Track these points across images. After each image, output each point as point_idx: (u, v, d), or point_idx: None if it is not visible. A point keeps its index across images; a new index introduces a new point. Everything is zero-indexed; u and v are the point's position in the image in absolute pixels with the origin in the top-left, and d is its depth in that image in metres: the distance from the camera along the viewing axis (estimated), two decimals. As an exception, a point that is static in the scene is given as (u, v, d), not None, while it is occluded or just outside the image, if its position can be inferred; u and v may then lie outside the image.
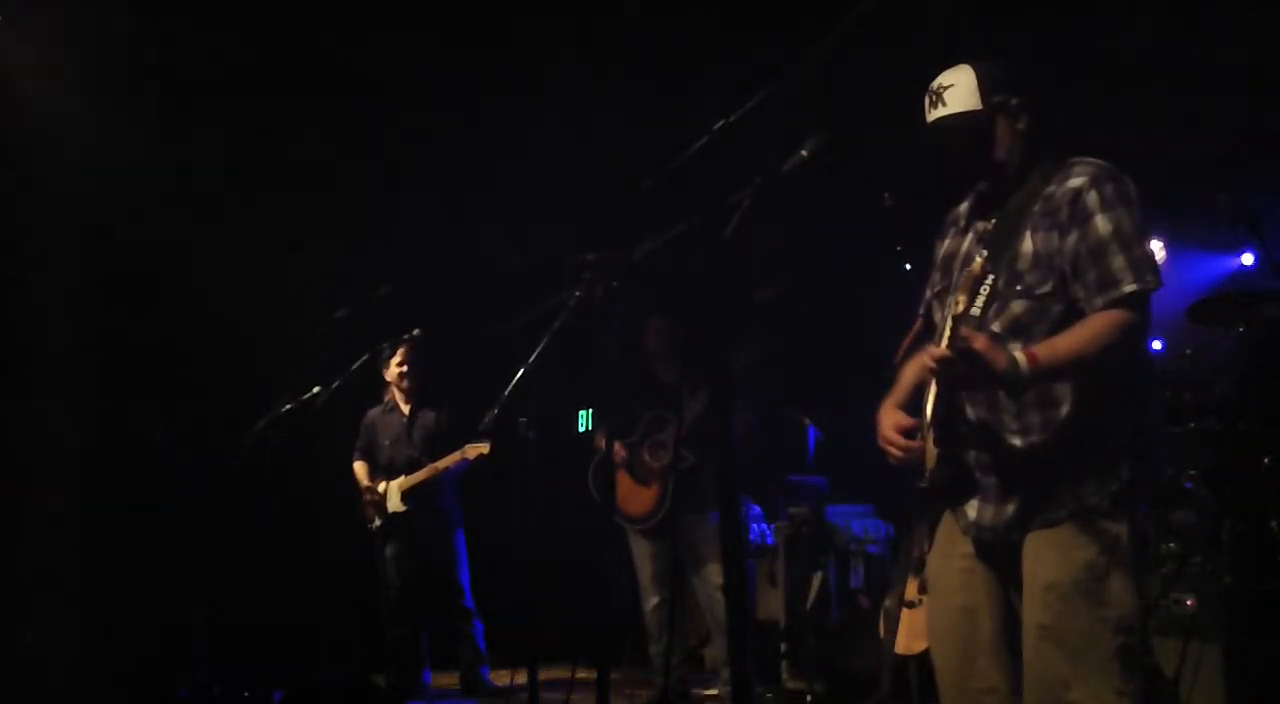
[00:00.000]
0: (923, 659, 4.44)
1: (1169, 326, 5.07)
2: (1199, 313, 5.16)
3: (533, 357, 3.36)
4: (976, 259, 2.53)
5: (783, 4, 5.59)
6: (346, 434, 6.44)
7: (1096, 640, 2.49)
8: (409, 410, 6.37)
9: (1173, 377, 4.93)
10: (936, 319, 2.79)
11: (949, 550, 2.74)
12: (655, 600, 5.53)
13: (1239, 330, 5.13)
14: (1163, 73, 5.57)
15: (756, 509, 6.32)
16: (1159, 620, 4.23)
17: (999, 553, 2.64)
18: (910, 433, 2.65)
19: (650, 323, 5.68)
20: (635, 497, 5.50)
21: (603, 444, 5.52)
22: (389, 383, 6.38)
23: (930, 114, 2.69)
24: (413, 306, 5.88)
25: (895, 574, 4.86)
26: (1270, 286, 5.05)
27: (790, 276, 5.32)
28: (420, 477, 6.12)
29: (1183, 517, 4.66)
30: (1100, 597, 2.50)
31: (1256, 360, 4.68)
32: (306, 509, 6.37)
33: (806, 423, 6.33)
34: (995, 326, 2.57)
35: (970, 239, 2.74)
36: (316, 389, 5.18)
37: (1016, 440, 2.57)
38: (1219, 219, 4.98)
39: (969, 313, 2.45)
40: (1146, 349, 2.63)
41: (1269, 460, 4.79)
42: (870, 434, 2.74)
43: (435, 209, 7.06)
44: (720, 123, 2.43)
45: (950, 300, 2.55)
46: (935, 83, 2.69)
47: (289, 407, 5.16)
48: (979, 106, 2.64)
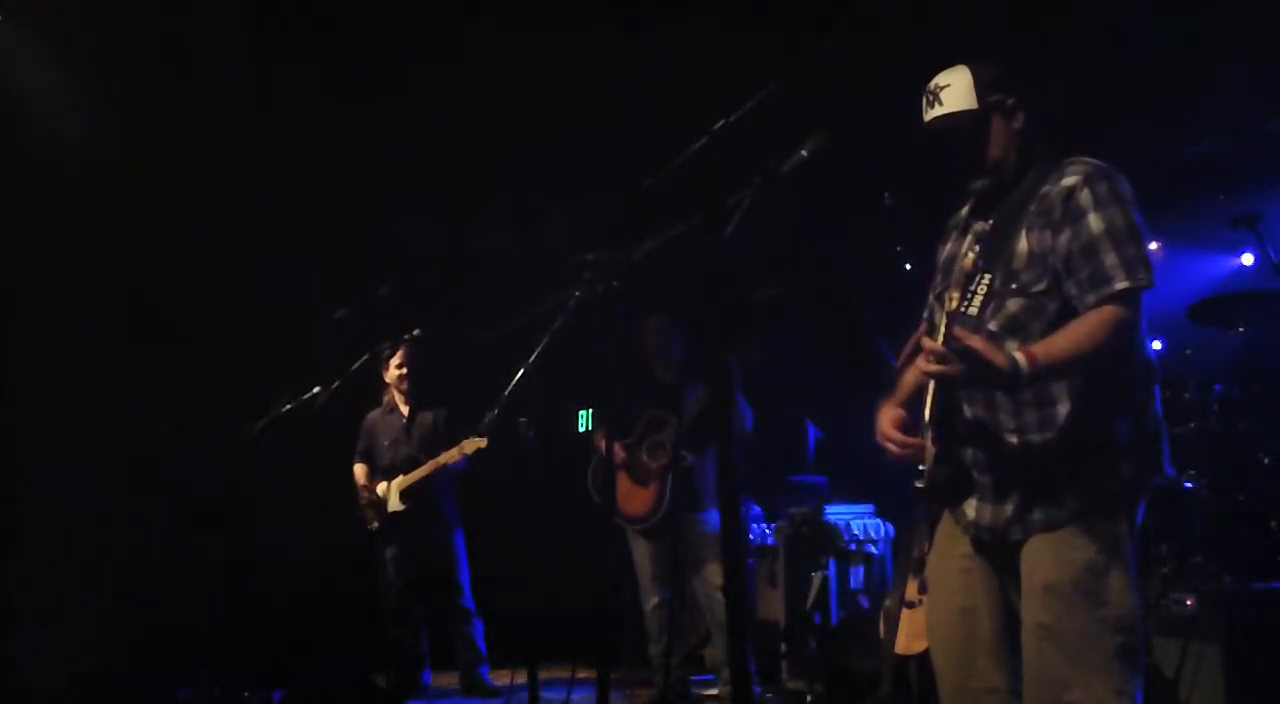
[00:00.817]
0: (923, 659, 4.43)
1: (1169, 326, 5.07)
2: (1199, 313, 5.17)
3: (533, 356, 3.36)
4: (969, 255, 2.54)
5: (783, 4, 5.58)
6: (346, 434, 6.44)
7: (1096, 640, 2.49)
8: (408, 411, 6.37)
9: (1173, 377, 4.92)
10: (937, 321, 2.80)
11: (948, 550, 2.75)
12: (655, 600, 5.53)
13: (1239, 330, 5.14)
14: (1163, 73, 5.56)
15: (756, 509, 6.32)
16: (1159, 620, 4.22)
17: (998, 552, 2.65)
18: (908, 430, 2.66)
19: (650, 322, 5.68)
20: (634, 497, 5.50)
21: (602, 444, 5.52)
22: (388, 384, 6.38)
23: (927, 114, 2.71)
24: (413, 307, 5.88)
25: (895, 574, 4.86)
26: (1270, 286, 5.06)
27: (791, 277, 5.32)
28: (420, 473, 6.12)
29: (1183, 517, 4.66)
30: (1100, 596, 2.50)
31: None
32: (307, 509, 6.37)
33: (806, 423, 6.34)
34: (992, 326, 2.58)
35: (969, 240, 2.76)
36: (316, 389, 5.18)
37: (1014, 439, 2.57)
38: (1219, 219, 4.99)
39: (966, 312, 2.46)
40: (1146, 348, 2.63)
41: (1269, 460, 4.80)
42: (870, 434, 2.74)
43: (435, 209, 7.05)
44: (720, 123, 2.43)
45: (946, 297, 2.57)
46: (932, 83, 2.71)
47: (289, 406, 5.16)
48: (975, 106, 2.66)
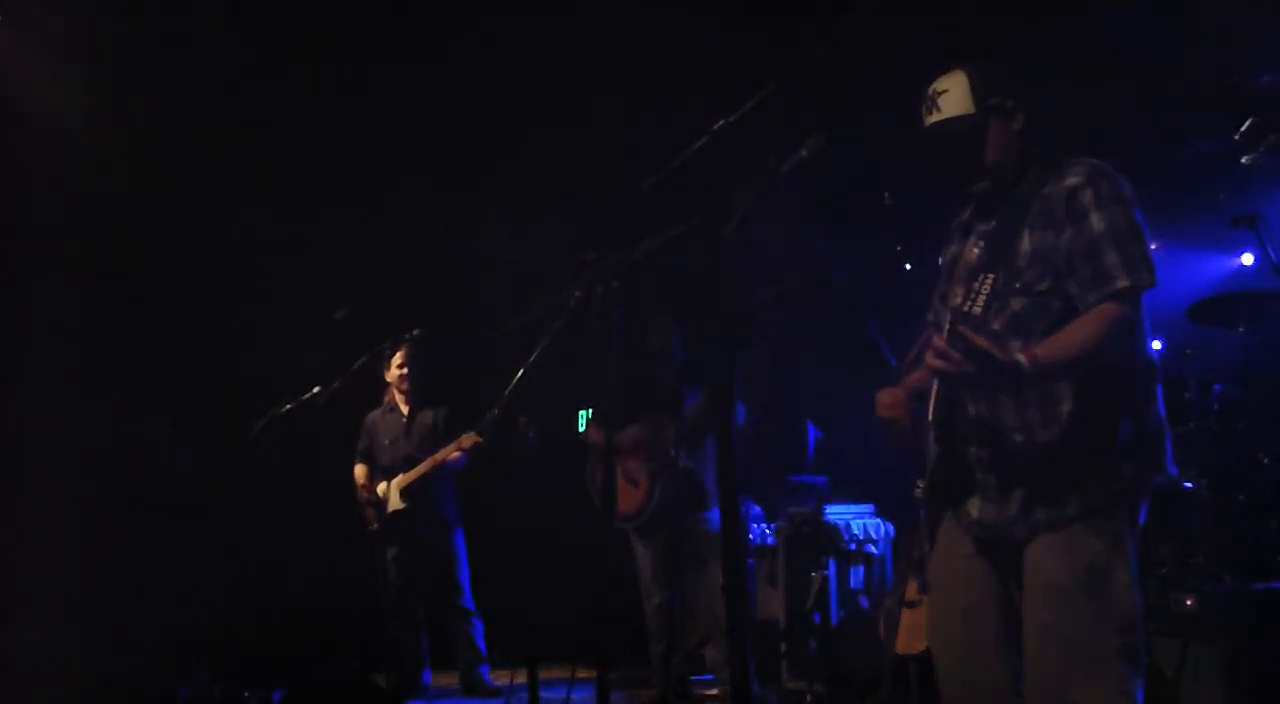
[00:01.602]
0: (923, 659, 4.44)
1: (1169, 326, 5.07)
2: (1199, 313, 5.17)
3: (533, 356, 3.36)
4: (974, 252, 2.55)
5: (784, 4, 5.58)
6: (346, 434, 6.44)
7: (1098, 640, 2.49)
8: (408, 411, 6.37)
9: (1173, 377, 4.92)
10: (942, 322, 2.80)
11: (950, 550, 2.75)
12: (655, 600, 5.53)
13: (1239, 330, 5.13)
14: (1163, 72, 5.56)
15: (756, 509, 6.32)
16: (1159, 620, 4.22)
17: (1001, 551, 2.65)
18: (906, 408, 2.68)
19: (650, 322, 5.68)
20: (625, 496, 5.51)
21: (600, 443, 5.52)
22: (389, 384, 6.38)
23: (926, 119, 2.73)
24: (413, 307, 5.88)
25: (895, 574, 4.86)
26: (1270, 286, 5.06)
27: (791, 276, 5.32)
28: (419, 471, 6.11)
29: (1183, 517, 4.66)
30: (1102, 596, 2.50)
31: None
32: (306, 509, 6.37)
33: (806, 423, 6.33)
34: (996, 325, 2.58)
35: (972, 241, 2.77)
36: (316, 389, 5.18)
37: (1017, 437, 2.57)
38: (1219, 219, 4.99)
39: (970, 311, 2.46)
40: (1148, 348, 2.64)
41: (1269, 460, 4.80)
42: (870, 434, 2.75)
43: (436, 209, 7.05)
44: (720, 123, 2.43)
45: (950, 297, 2.57)
46: (930, 88, 2.72)
47: (289, 406, 5.16)
48: (972, 110, 2.67)
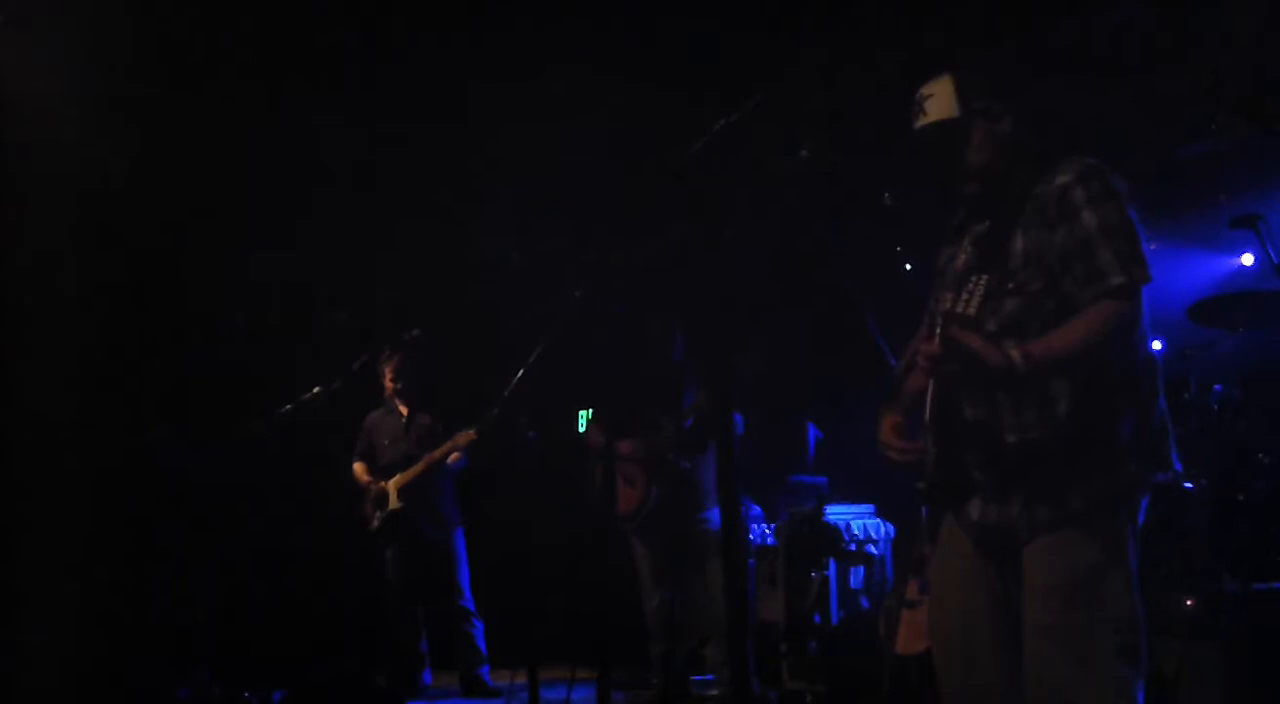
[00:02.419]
0: (923, 659, 4.43)
1: (1169, 326, 5.06)
2: (1199, 313, 5.17)
3: (533, 357, 3.37)
4: (967, 253, 2.55)
5: (784, 4, 5.58)
6: (346, 434, 6.44)
7: (1097, 640, 2.49)
8: (407, 412, 6.37)
9: (1173, 377, 4.92)
10: (936, 323, 2.80)
11: (950, 550, 2.75)
12: (655, 600, 5.53)
13: (1239, 330, 5.13)
14: (1163, 72, 5.56)
15: (756, 509, 6.32)
16: (1159, 620, 4.22)
17: (1001, 552, 2.65)
18: (909, 435, 2.67)
19: (649, 323, 5.68)
20: (623, 496, 5.50)
21: (599, 443, 5.52)
22: (388, 384, 6.38)
23: (914, 124, 2.76)
24: (413, 307, 5.88)
25: (895, 574, 4.86)
26: (1270, 287, 5.06)
27: (791, 276, 5.32)
28: (417, 469, 6.11)
29: (1183, 517, 4.66)
30: (1102, 596, 2.50)
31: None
32: (307, 509, 6.37)
33: (806, 423, 6.33)
34: (991, 325, 2.58)
35: (965, 242, 2.77)
36: (316, 389, 5.19)
37: (1013, 437, 2.57)
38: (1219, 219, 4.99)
39: (964, 312, 2.47)
40: (1147, 345, 2.64)
41: (1269, 460, 4.80)
42: (870, 434, 2.74)
43: (436, 209, 7.05)
44: (720, 123, 2.43)
45: (944, 298, 2.57)
46: (918, 93, 2.75)
47: (289, 406, 5.17)
48: (956, 114, 2.69)
